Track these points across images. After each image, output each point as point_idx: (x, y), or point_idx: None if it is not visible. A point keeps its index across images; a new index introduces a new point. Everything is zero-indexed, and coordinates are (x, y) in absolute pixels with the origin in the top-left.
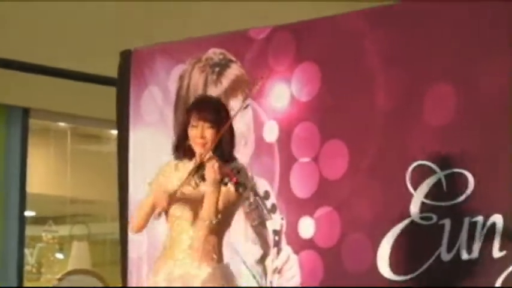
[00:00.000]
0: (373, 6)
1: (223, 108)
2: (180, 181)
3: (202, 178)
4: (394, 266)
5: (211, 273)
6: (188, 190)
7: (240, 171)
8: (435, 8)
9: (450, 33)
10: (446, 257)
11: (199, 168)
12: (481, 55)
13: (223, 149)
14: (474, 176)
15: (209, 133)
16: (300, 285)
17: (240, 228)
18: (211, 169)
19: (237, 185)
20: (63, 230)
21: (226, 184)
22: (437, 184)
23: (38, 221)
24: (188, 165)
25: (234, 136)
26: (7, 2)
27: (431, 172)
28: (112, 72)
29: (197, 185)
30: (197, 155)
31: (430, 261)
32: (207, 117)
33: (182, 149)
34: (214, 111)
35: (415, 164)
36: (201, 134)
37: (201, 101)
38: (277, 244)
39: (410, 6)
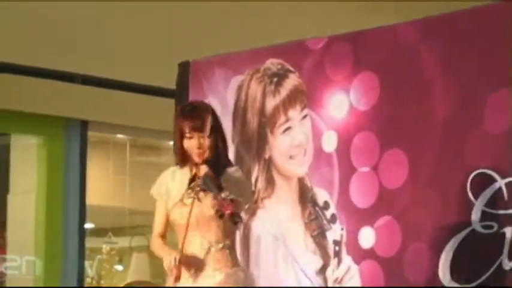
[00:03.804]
0: (428, 16)
1: (214, 115)
2: (177, 189)
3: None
4: (456, 275)
5: (224, 277)
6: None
7: (233, 200)
8: (491, 16)
9: (507, 40)
10: (507, 265)
11: (194, 179)
12: None
13: (220, 155)
14: None
15: (205, 142)
16: None
17: (299, 238)
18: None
19: (232, 216)
20: (123, 242)
21: (221, 216)
22: (497, 192)
23: (98, 233)
24: (183, 172)
25: (226, 140)
26: (72, 18)
27: (492, 180)
28: (170, 83)
29: (198, 199)
30: (195, 164)
31: (492, 270)
32: (201, 128)
33: (180, 157)
34: (207, 120)
35: (475, 172)
36: (197, 145)
37: (192, 111)
38: (337, 254)
39: (466, 14)
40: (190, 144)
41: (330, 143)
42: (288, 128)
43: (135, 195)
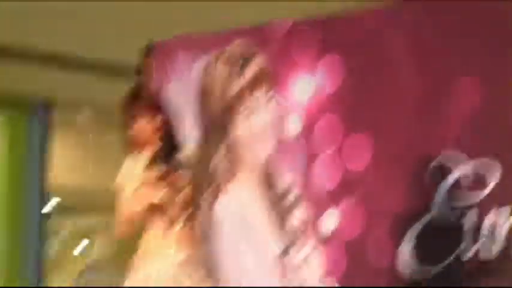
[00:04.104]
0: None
1: (157, 100)
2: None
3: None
4: (417, 261)
5: (186, 257)
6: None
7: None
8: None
9: (477, 26)
10: (465, 255)
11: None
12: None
13: (169, 137)
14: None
15: (152, 126)
16: (323, 277)
17: (263, 221)
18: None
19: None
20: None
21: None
22: (459, 179)
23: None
24: (139, 158)
25: (172, 124)
26: None
27: (454, 167)
28: (133, 61)
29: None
30: (146, 149)
31: (451, 257)
32: (146, 113)
33: (132, 144)
34: (151, 105)
35: (438, 158)
36: (151, 125)
37: (135, 97)
38: (300, 237)
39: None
40: (143, 126)
41: (294, 126)
42: (252, 111)
43: (98, 174)
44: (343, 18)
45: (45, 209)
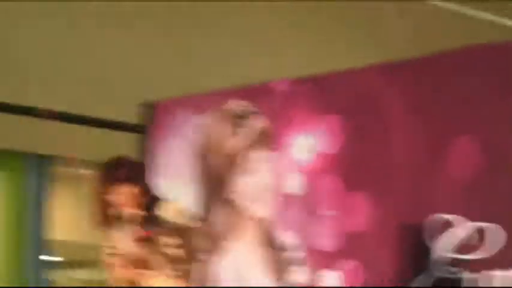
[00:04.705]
0: (392, 60)
1: (134, 163)
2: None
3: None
4: None
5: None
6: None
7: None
8: (456, 62)
9: (472, 86)
10: None
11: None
12: (506, 108)
13: (152, 201)
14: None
15: (125, 190)
16: None
17: (262, 282)
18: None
19: (150, 237)
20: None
21: (143, 239)
22: (456, 237)
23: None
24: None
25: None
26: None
27: (450, 224)
28: (130, 119)
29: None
30: (125, 214)
31: None
32: (128, 178)
33: (105, 218)
34: (131, 169)
35: (435, 216)
36: (130, 195)
37: (112, 167)
38: None
39: (430, 60)
40: (114, 198)
41: (294, 185)
42: (252, 170)
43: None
44: (342, 76)
45: (43, 263)
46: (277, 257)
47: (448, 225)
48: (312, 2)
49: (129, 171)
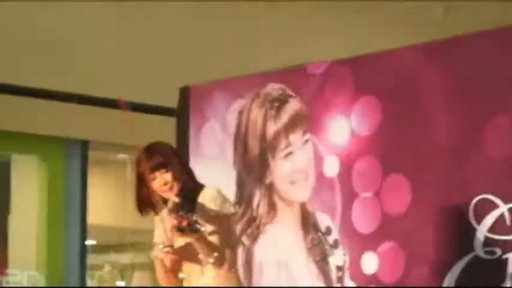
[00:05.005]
0: (430, 40)
1: (168, 149)
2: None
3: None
4: None
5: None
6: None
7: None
8: (493, 42)
9: (510, 66)
10: None
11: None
12: None
13: (187, 187)
14: None
15: (168, 176)
16: None
17: (302, 264)
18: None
19: (190, 225)
20: (124, 259)
21: (181, 230)
22: (500, 218)
23: (100, 250)
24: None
25: (190, 168)
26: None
27: (494, 206)
28: (169, 103)
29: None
30: (170, 201)
31: None
32: (159, 165)
33: (151, 204)
34: (163, 156)
35: (477, 197)
36: (163, 182)
37: (147, 152)
38: (340, 280)
39: (467, 39)
40: (156, 184)
41: (331, 168)
42: (290, 153)
43: (136, 214)
44: (379, 57)
45: (85, 247)
46: (316, 239)
47: (493, 206)
48: None
49: (166, 157)
